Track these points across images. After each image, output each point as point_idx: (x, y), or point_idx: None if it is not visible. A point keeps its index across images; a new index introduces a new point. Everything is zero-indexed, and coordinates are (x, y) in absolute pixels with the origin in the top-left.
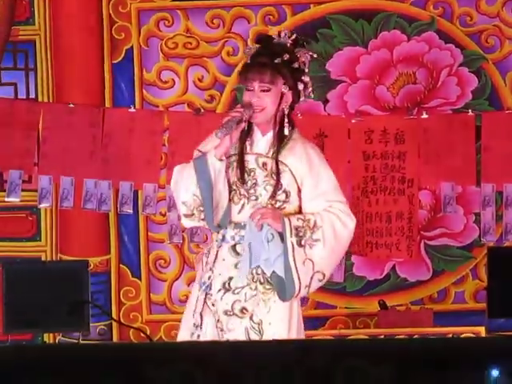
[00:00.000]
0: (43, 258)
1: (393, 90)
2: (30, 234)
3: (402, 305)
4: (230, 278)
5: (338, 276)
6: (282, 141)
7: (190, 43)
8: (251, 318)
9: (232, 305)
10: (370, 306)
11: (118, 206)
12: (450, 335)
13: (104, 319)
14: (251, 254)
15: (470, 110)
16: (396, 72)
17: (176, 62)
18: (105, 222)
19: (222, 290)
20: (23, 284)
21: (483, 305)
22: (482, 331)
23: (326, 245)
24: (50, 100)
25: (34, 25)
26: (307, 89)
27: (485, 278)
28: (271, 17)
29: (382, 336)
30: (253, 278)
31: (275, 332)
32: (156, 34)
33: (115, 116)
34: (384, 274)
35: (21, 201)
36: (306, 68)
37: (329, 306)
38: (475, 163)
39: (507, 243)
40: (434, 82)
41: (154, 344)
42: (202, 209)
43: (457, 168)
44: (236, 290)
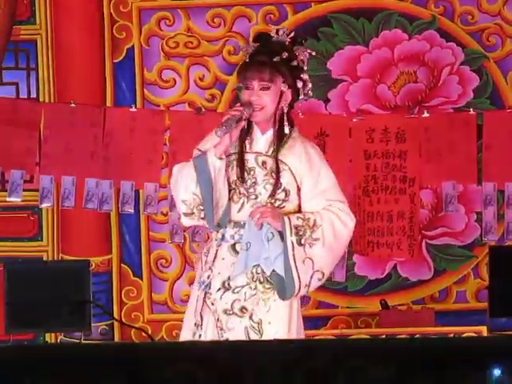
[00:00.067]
0: (45, 258)
1: (394, 88)
2: (32, 233)
3: (403, 304)
4: (229, 277)
5: (339, 276)
6: (281, 139)
7: (191, 42)
8: (251, 317)
9: (231, 304)
10: (372, 306)
11: (120, 206)
12: (452, 335)
13: (106, 319)
14: (249, 253)
15: (471, 109)
16: (397, 71)
17: (177, 62)
18: (106, 221)
19: (221, 289)
20: (25, 284)
21: (485, 304)
22: (483, 331)
23: (325, 244)
24: (52, 100)
25: (35, 24)
26: (306, 87)
27: (486, 277)
28: (272, 16)
29: (384, 336)
30: (252, 278)
31: (275, 331)
32: (157, 33)
33: (116, 115)
34: (385, 274)
35: (22, 201)
36: (305, 66)
37: (330, 306)
38: (476, 162)
39: (509, 242)
40: (435, 81)
41: (156, 344)
42: (201, 207)
43: (458, 167)
44: (236, 289)
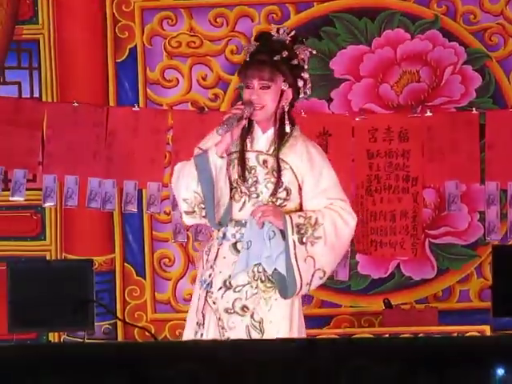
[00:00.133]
0: (48, 257)
1: (396, 88)
2: (35, 233)
3: (406, 303)
4: (230, 276)
5: (342, 275)
6: (282, 138)
7: (194, 42)
8: (252, 316)
9: (233, 303)
10: (375, 305)
11: (123, 205)
12: (455, 334)
13: (109, 318)
14: (251, 252)
15: (473, 108)
16: (400, 70)
17: (180, 61)
18: (109, 220)
19: (222, 288)
20: (28, 283)
21: (488, 303)
22: (486, 330)
23: (327, 242)
24: (54, 99)
25: (37, 24)
26: (307, 85)
27: (489, 276)
28: (275, 15)
29: (387, 335)
30: (254, 276)
31: (276, 330)
32: (159, 32)
33: (119, 115)
34: (388, 273)
35: (25, 200)
36: (306, 65)
37: (333, 305)
38: (479, 161)
39: None
40: (437, 80)
41: (159, 343)
42: (202, 206)
43: (461, 166)
44: (237, 288)
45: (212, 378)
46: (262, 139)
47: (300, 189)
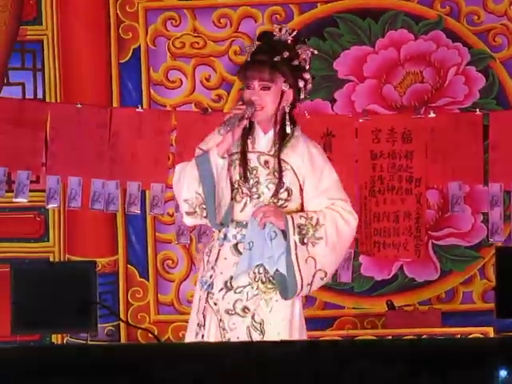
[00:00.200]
0: (51, 259)
1: (400, 89)
2: (38, 234)
3: (409, 305)
4: (231, 277)
5: (345, 276)
6: (283, 139)
7: (198, 43)
8: (253, 317)
9: (234, 304)
10: (378, 307)
11: (126, 207)
12: (458, 336)
13: (112, 320)
14: (252, 253)
15: (477, 109)
16: (403, 71)
17: (183, 62)
18: (112, 222)
19: (223, 289)
20: (31, 285)
21: (491, 305)
22: (490, 331)
23: (328, 243)
24: (58, 100)
25: (41, 25)
26: (308, 86)
27: (493, 277)
28: (278, 16)
29: (390, 336)
30: (254, 277)
31: (277, 331)
32: (163, 33)
33: (123, 116)
34: (392, 274)
35: (29, 201)
36: (307, 65)
37: (336, 307)
38: (483, 162)
39: None
40: (441, 81)
41: (162, 344)
42: (204, 206)
43: (464, 167)
44: (238, 289)
45: (215, 380)
46: (264, 140)
47: (301, 189)
